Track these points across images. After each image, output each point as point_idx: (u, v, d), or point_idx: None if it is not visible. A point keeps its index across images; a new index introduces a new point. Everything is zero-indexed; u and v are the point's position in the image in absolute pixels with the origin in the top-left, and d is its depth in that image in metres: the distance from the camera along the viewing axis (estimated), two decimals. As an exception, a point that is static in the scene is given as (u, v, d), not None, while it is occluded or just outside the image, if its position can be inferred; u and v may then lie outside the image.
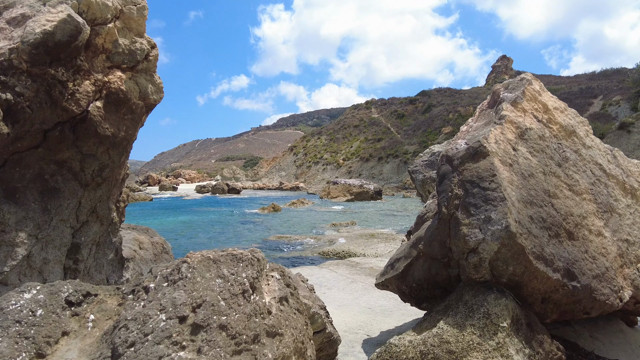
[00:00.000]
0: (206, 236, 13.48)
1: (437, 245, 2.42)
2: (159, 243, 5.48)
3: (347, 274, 7.05)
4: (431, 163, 13.38)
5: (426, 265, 2.52)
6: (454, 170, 2.42)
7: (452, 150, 2.53)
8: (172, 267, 1.38)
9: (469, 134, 2.83)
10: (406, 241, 3.86)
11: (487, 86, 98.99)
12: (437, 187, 2.54)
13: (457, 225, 2.22)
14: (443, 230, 2.35)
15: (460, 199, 2.28)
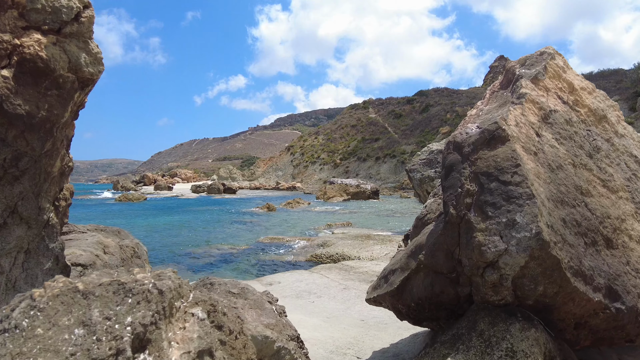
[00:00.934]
0: (195, 237, 12.93)
1: (442, 256, 1.90)
2: (130, 246, 4.94)
3: (339, 279, 6.52)
4: (429, 162, 12.88)
5: (428, 281, 2.00)
6: (465, 159, 1.90)
7: (462, 135, 2.02)
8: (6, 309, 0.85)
9: (480, 118, 2.31)
10: (403, 247, 3.35)
11: (484, 86, 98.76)
12: (443, 181, 2.02)
13: (470, 230, 1.70)
14: (450, 236, 1.83)
15: (474, 197, 1.77)
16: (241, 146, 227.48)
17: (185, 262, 9.02)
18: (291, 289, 5.97)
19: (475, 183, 1.78)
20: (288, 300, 5.33)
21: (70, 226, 4.77)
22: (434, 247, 1.94)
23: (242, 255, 9.70)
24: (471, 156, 1.87)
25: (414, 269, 2.09)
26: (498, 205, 1.67)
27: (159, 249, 10.48)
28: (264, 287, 6.14)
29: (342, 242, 10.68)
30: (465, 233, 1.73)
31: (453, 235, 1.81)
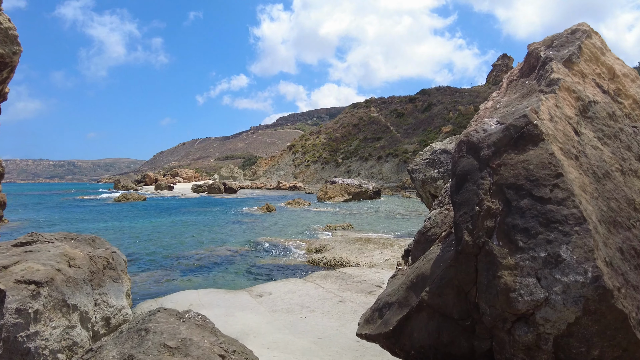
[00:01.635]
0: (189, 239, 12.48)
1: (451, 295, 1.43)
2: (102, 257, 4.47)
3: (335, 289, 6.04)
4: (432, 162, 12.37)
5: (433, 325, 1.53)
6: (484, 166, 1.43)
7: (478, 133, 1.54)
8: None
9: (499, 111, 1.83)
10: (402, 265, 2.86)
11: (487, 85, 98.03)
12: (454, 195, 1.55)
13: (492, 266, 1.24)
14: (464, 271, 1.37)
15: (497, 218, 1.30)
16: (243, 145, 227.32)
17: (175, 266, 8.56)
18: (282, 301, 5.50)
19: (499, 199, 1.31)
20: (278, 316, 4.86)
21: (34, 235, 4.30)
22: (442, 282, 1.46)
23: (235, 259, 9.23)
24: (492, 161, 1.40)
25: (415, 307, 1.61)
26: (533, 231, 1.20)
27: (150, 252, 10.03)
28: (254, 298, 5.67)
29: (341, 246, 10.20)
30: (485, 269, 1.26)
31: (468, 269, 1.35)
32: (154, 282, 7.26)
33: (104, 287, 4.19)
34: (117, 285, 4.53)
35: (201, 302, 5.51)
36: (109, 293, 4.21)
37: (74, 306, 3.62)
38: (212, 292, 6.12)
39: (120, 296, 4.43)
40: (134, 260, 9.20)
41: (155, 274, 7.84)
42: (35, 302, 3.20)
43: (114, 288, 4.39)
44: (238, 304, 5.38)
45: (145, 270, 8.24)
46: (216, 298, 5.74)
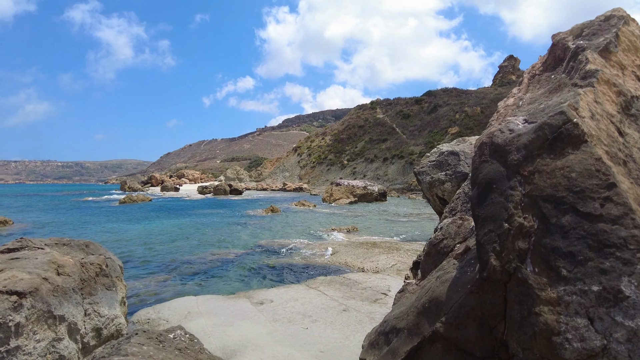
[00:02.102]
0: (192, 242, 12.30)
1: (473, 327, 1.19)
2: (95, 264, 4.27)
3: (339, 297, 5.80)
4: (439, 164, 12.09)
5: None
6: (513, 173, 1.19)
7: (503, 134, 1.31)
8: None
9: (523, 109, 1.59)
10: (411, 279, 2.63)
11: (494, 87, 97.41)
12: (475, 207, 1.31)
13: (527, 299, 1.00)
14: (489, 301, 1.13)
15: (531, 238, 1.06)
16: (249, 147, 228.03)
17: (176, 271, 8.37)
18: (284, 309, 5.27)
19: (534, 214, 1.07)
20: (279, 326, 4.63)
21: (23, 241, 4.11)
22: (461, 311, 1.23)
23: (237, 263, 9.03)
24: (523, 168, 1.16)
25: (427, 338, 1.37)
26: (580, 257, 0.95)
27: (151, 256, 9.86)
28: (254, 306, 5.45)
29: (346, 250, 9.97)
30: (517, 301, 1.02)
31: (494, 299, 1.11)
32: (153, 287, 7.07)
33: (96, 295, 3.99)
34: (111, 293, 4.33)
35: (199, 310, 5.30)
36: (100, 302, 4.01)
37: (61, 317, 3.42)
38: (212, 299, 5.91)
39: (113, 305, 4.22)
40: (134, 265, 9.03)
41: (155, 279, 7.66)
42: (16, 314, 3.00)
43: (106, 296, 4.19)
44: (238, 312, 5.16)
45: (145, 275, 8.06)
46: (215, 305, 5.53)
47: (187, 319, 4.99)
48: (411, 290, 2.42)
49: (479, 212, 1.25)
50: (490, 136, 1.37)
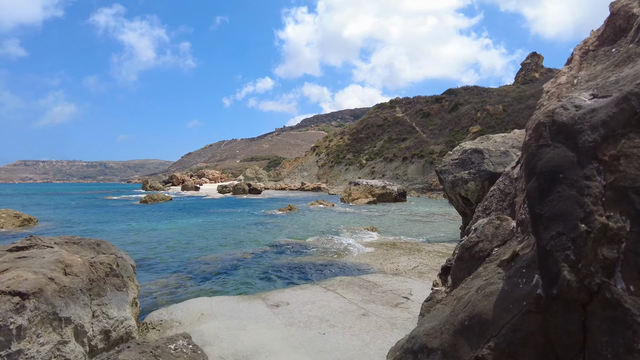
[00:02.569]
0: (210, 241, 12.23)
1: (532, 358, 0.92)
2: (105, 263, 4.13)
3: (358, 300, 5.54)
4: (462, 162, 11.67)
5: (500, 397, 1.04)
6: (587, 158, 0.92)
7: (568, 110, 1.04)
8: None
9: (581, 86, 1.31)
10: (440, 285, 2.35)
11: (516, 85, 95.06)
12: (535, 204, 1.04)
13: (623, 330, 0.74)
14: (560, 326, 0.87)
15: (621, 245, 0.79)
16: (268, 147, 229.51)
17: (191, 270, 8.26)
18: (300, 312, 5.04)
19: (623, 212, 0.80)
20: (294, 331, 4.40)
21: (33, 239, 4.01)
22: (515, 335, 0.96)
23: (253, 262, 8.86)
24: (602, 151, 0.89)
25: (469, 365, 1.11)
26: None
27: (168, 256, 9.80)
28: (269, 308, 5.24)
29: (365, 251, 9.69)
30: (606, 331, 0.75)
31: (567, 325, 0.84)
32: (168, 288, 6.96)
33: (105, 296, 3.85)
34: (121, 294, 4.18)
35: (213, 312, 5.13)
36: (109, 303, 3.87)
37: (67, 319, 3.27)
38: (226, 300, 5.74)
39: (123, 306, 4.07)
40: (151, 264, 8.97)
41: (170, 279, 7.55)
42: (18, 316, 2.86)
43: (116, 297, 4.04)
44: (252, 315, 4.96)
45: (161, 275, 7.97)
46: (230, 307, 5.34)
47: (200, 321, 4.82)
48: (441, 299, 2.15)
49: (541, 209, 0.99)
50: (550, 114, 1.10)
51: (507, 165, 10.95)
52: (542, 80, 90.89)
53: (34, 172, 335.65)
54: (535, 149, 1.08)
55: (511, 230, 1.88)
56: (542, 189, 1.00)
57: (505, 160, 11.06)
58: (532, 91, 76.79)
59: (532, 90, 77.53)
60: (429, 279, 6.74)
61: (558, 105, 1.10)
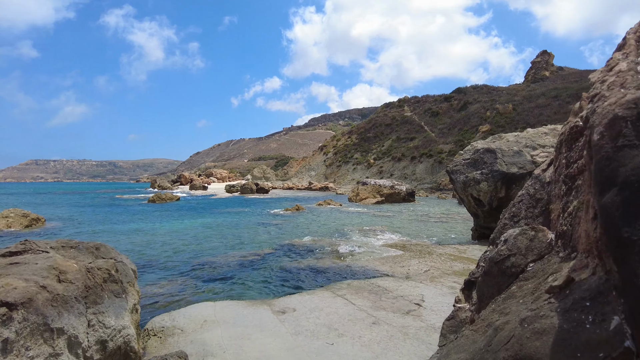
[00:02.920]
0: (216, 242, 12.06)
1: None
2: (104, 269, 3.95)
3: (368, 307, 5.30)
4: (474, 162, 11.35)
5: None
6: None
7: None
8: None
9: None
10: (462, 302, 2.10)
11: (526, 83, 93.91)
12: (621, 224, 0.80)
13: None
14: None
15: None
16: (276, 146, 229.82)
17: (197, 272, 8.09)
18: (307, 320, 4.81)
19: None
20: (301, 340, 4.18)
21: (27, 243, 3.83)
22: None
23: (260, 265, 8.66)
24: None
25: None
26: None
27: (172, 258, 9.64)
28: (275, 315, 5.03)
29: (374, 252, 9.43)
30: None
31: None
32: (172, 292, 6.78)
33: (102, 304, 3.66)
34: (119, 301, 3.99)
35: (216, 318, 4.92)
36: (107, 311, 3.67)
37: (59, 330, 3.08)
38: (231, 305, 5.53)
39: (121, 314, 3.88)
40: (155, 267, 8.82)
41: (175, 282, 7.38)
42: (5, 328, 2.67)
43: (114, 305, 3.85)
44: (257, 322, 4.75)
45: (166, 277, 7.80)
46: (234, 313, 5.13)
47: (202, 329, 4.62)
48: (465, 318, 1.91)
49: (633, 233, 0.75)
50: (634, 105, 0.86)
51: (521, 165, 10.62)
52: (552, 78, 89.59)
53: (45, 171, 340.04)
54: (613, 151, 0.84)
55: (548, 243, 1.63)
56: (629, 203, 0.76)
57: (518, 160, 10.74)
58: (542, 90, 75.76)
59: (543, 89, 76.48)
60: (441, 284, 6.48)
61: (634, 96, 0.86)
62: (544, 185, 2.07)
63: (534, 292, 1.35)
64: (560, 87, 72.47)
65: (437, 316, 4.91)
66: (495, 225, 9.43)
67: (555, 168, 1.87)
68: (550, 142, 10.94)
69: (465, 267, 7.70)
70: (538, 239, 1.66)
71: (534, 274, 1.50)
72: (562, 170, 1.70)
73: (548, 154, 10.61)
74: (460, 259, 8.48)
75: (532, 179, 2.24)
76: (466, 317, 1.91)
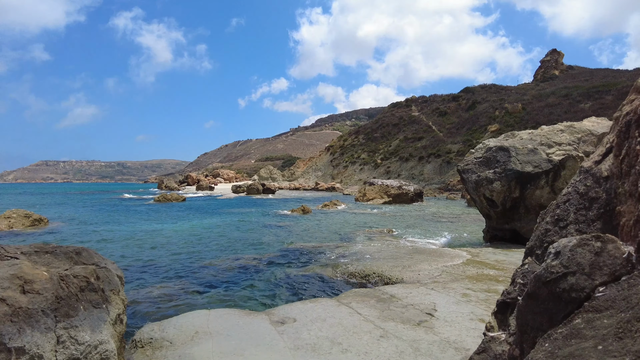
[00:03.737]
0: (218, 244, 11.68)
1: None
2: (81, 276, 3.55)
3: (375, 317, 4.85)
4: (487, 161, 10.83)
5: None
6: None
7: None
8: None
9: None
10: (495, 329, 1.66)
11: (535, 82, 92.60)
12: None
13: None
14: None
15: None
16: (282, 147, 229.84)
17: (194, 276, 7.70)
18: (308, 332, 4.38)
19: None
20: (300, 356, 3.75)
21: (-5, 248, 3.44)
22: None
23: (261, 269, 8.25)
24: None
25: None
26: None
27: (170, 260, 9.26)
28: (274, 326, 4.60)
29: (381, 256, 8.96)
30: None
31: None
32: (166, 297, 6.38)
33: (75, 317, 3.25)
34: (98, 312, 3.59)
35: (209, 330, 4.51)
36: (81, 325, 3.27)
37: (19, 350, 2.68)
38: (226, 314, 5.11)
39: (99, 327, 3.48)
40: (152, 270, 8.44)
41: (170, 287, 6.98)
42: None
43: (91, 317, 3.45)
44: (253, 335, 4.32)
45: (162, 281, 7.42)
46: (229, 323, 4.71)
47: (193, 341, 4.21)
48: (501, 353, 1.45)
49: None
50: None
51: (536, 164, 10.07)
52: (562, 77, 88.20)
53: (54, 172, 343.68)
54: None
55: (625, 259, 1.19)
56: None
57: (533, 158, 10.20)
58: (552, 89, 74.56)
59: (553, 88, 75.28)
60: (453, 291, 6.01)
61: None
62: (599, 181, 1.62)
63: (621, 334, 0.92)
64: (570, 86, 71.23)
65: (451, 328, 4.45)
66: (508, 226, 8.87)
67: (621, 158, 1.43)
68: (567, 140, 10.39)
69: (478, 271, 7.22)
70: (608, 253, 1.22)
71: (611, 304, 1.06)
72: (637, 159, 1.26)
73: (565, 152, 10.06)
74: (474, 262, 7.99)
75: (581, 173, 1.78)
76: (503, 351, 1.47)
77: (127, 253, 10.23)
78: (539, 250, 1.69)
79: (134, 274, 7.89)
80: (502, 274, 7.02)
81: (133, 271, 8.17)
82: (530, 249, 1.76)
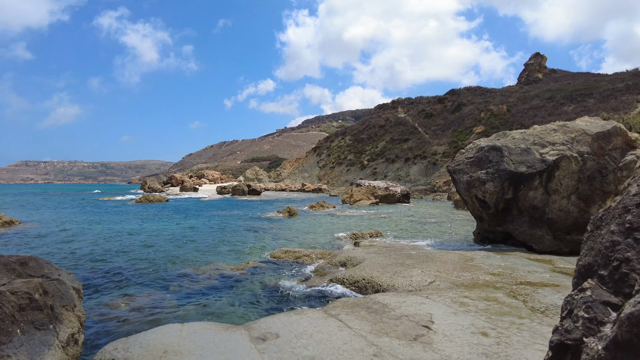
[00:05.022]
0: (197, 250, 11.05)
1: None
2: (21, 292, 2.98)
3: (367, 331, 4.36)
4: (478, 161, 10.48)
5: None
6: None
7: None
8: None
9: None
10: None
11: (519, 85, 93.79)
12: None
13: None
14: None
15: None
16: (269, 147, 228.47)
17: (168, 285, 7.10)
18: (292, 350, 3.87)
19: None
20: (282, 382, 3.22)
21: None
22: None
23: (242, 277, 7.70)
24: None
25: None
26: None
27: (145, 265, 8.63)
28: (253, 343, 4.07)
29: (371, 261, 8.49)
30: None
31: None
32: (132, 310, 5.78)
33: (8, 344, 2.69)
34: (42, 334, 3.02)
35: (180, 349, 3.95)
36: (15, 354, 2.70)
37: None
38: (201, 329, 4.56)
39: (41, 353, 2.91)
40: (122, 277, 7.80)
41: (140, 298, 6.37)
42: None
43: (31, 341, 2.88)
44: (230, 355, 3.79)
45: (133, 291, 6.80)
46: (203, 341, 4.17)
47: (160, 364, 3.65)
48: None
49: None
50: None
51: (530, 164, 9.75)
52: (545, 80, 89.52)
53: (35, 172, 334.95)
54: None
55: None
56: None
57: (527, 158, 9.88)
58: (536, 91, 75.48)
59: (537, 91, 76.23)
60: (450, 299, 5.57)
61: None
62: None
63: None
64: (554, 89, 72.27)
65: (452, 344, 4.00)
66: (500, 229, 8.37)
67: None
68: (561, 139, 10.11)
69: (474, 277, 6.81)
70: None
71: None
72: None
73: (559, 152, 9.77)
74: (468, 267, 7.59)
75: None
76: None
77: (96, 258, 9.54)
78: (604, 271, 1.23)
79: (100, 283, 7.25)
80: (499, 280, 6.62)
81: (99, 279, 7.52)
82: (589, 268, 1.31)
